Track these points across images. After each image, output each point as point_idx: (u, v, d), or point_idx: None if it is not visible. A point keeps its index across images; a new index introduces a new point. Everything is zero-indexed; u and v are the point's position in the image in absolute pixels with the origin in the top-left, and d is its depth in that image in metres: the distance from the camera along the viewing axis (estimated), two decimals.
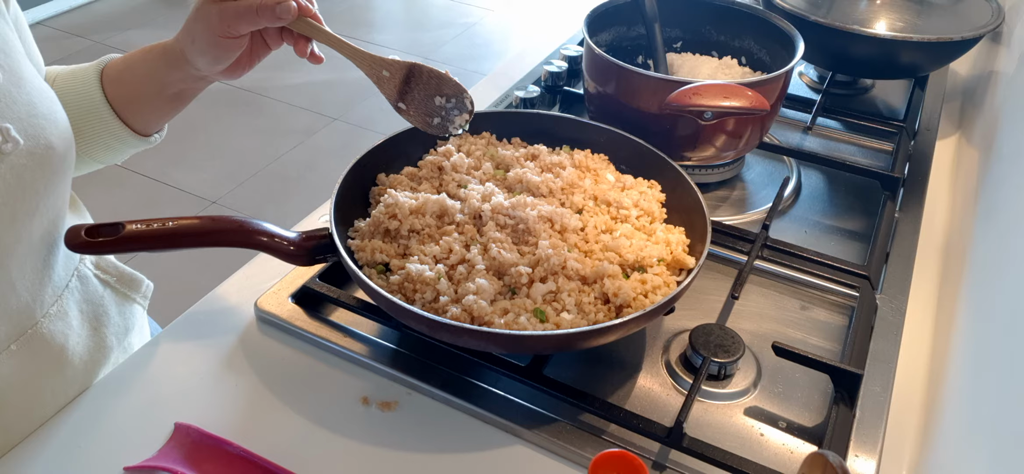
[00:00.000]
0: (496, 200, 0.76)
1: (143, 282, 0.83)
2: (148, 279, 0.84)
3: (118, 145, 0.80)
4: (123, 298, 0.81)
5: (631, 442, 0.65)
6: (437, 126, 0.73)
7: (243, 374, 0.71)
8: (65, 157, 0.69)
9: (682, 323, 0.78)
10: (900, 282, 0.84)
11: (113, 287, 0.79)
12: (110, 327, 0.78)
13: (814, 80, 1.30)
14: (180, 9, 3.99)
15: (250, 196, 2.67)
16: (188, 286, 1.73)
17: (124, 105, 0.77)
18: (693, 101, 0.84)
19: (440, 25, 4.00)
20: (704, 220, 0.75)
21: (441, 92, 0.72)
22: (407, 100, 0.72)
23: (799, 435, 0.68)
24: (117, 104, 0.77)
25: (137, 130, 0.79)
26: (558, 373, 0.71)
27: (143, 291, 0.84)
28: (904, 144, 1.07)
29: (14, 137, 0.63)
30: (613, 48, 1.09)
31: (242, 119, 3.08)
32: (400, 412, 0.68)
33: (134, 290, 0.82)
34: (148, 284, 0.84)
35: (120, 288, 0.80)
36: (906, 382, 0.74)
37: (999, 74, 1.18)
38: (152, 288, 0.85)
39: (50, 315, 0.69)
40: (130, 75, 0.76)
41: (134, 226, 0.67)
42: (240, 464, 0.63)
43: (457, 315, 0.65)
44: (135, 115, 0.78)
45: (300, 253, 0.71)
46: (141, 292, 0.83)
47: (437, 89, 0.72)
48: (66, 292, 0.72)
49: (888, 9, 1.23)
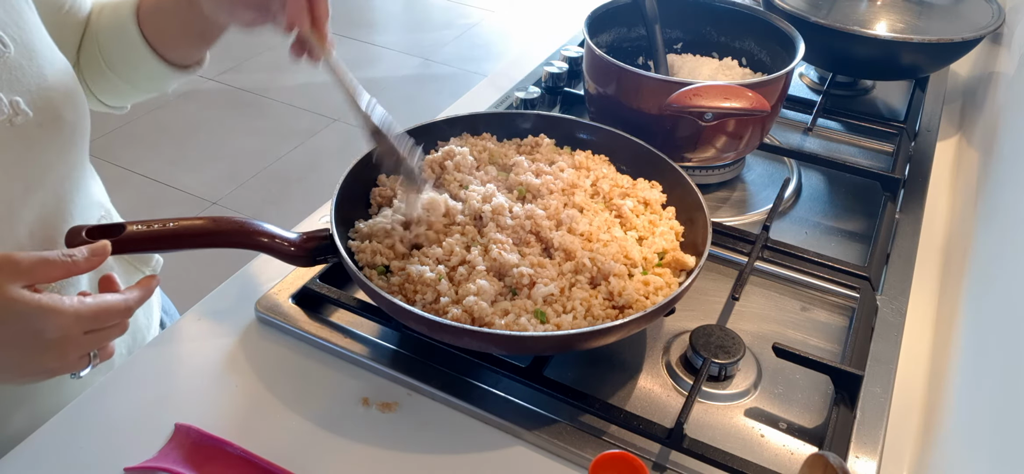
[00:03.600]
0: (497, 201, 0.76)
1: (153, 257, 0.83)
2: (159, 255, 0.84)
3: (159, 77, 0.82)
4: (132, 269, 0.81)
5: (631, 443, 0.65)
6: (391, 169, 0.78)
7: (243, 375, 0.71)
8: (76, 127, 0.70)
9: (682, 324, 0.78)
10: (900, 283, 0.84)
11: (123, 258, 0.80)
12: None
13: (814, 81, 1.30)
14: None
15: (251, 197, 2.67)
16: (188, 286, 1.73)
17: (158, 41, 0.79)
18: (693, 102, 0.84)
19: (440, 26, 4.00)
20: (705, 221, 0.75)
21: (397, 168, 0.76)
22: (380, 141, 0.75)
23: (799, 436, 0.68)
24: (152, 39, 0.79)
25: (175, 63, 0.81)
26: (558, 374, 0.71)
27: (152, 265, 0.84)
28: (904, 145, 1.07)
29: (24, 110, 0.64)
30: (613, 49, 1.09)
31: (243, 120, 3.08)
32: (400, 413, 0.68)
33: (144, 264, 0.82)
34: (158, 259, 0.84)
35: (132, 259, 0.81)
36: (906, 383, 0.73)
37: (999, 75, 1.18)
38: (161, 263, 0.85)
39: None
40: (160, 14, 0.78)
41: (135, 227, 0.67)
42: (240, 465, 0.63)
43: (458, 316, 0.65)
44: (170, 50, 0.80)
45: (300, 254, 0.71)
46: (151, 267, 0.84)
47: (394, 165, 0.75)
48: None
49: (888, 10, 1.23)
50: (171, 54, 0.80)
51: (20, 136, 0.64)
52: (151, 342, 0.75)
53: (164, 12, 0.78)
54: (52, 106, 0.67)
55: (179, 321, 0.77)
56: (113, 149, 2.78)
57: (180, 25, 0.78)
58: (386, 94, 3.26)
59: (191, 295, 0.84)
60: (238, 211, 2.57)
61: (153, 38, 0.79)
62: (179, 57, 0.81)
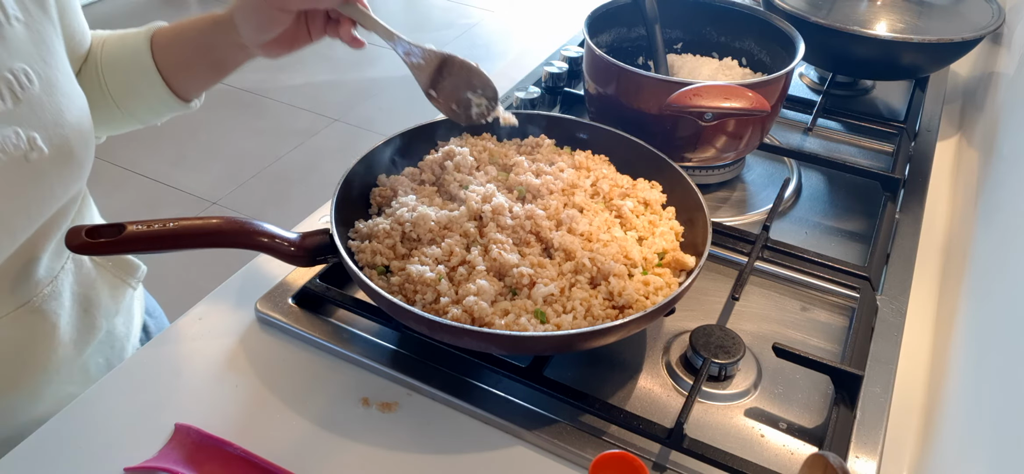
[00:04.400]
0: (497, 201, 0.76)
1: (139, 267, 0.84)
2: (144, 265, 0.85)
3: (161, 108, 0.83)
4: (116, 280, 0.82)
5: (631, 443, 0.65)
6: (461, 115, 0.78)
7: (243, 375, 0.71)
8: (83, 161, 0.72)
9: (683, 324, 0.78)
10: (900, 283, 0.84)
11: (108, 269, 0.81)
12: (100, 309, 0.80)
13: (815, 81, 1.30)
14: (181, 9, 4.00)
15: (250, 197, 2.67)
16: (188, 287, 1.73)
17: (171, 71, 0.80)
18: (693, 102, 0.84)
19: (440, 26, 4.00)
20: (705, 221, 0.75)
21: (470, 85, 0.76)
22: (438, 88, 0.76)
23: (799, 436, 0.68)
24: (165, 70, 0.80)
25: (179, 95, 0.82)
26: (558, 374, 0.71)
27: (137, 275, 0.85)
28: (904, 145, 1.07)
29: (40, 146, 0.66)
30: (613, 49, 1.09)
31: (243, 120, 3.08)
32: (400, 413, 0.68)
33: (128, 274, 0.83)
34: (143, 269, 0.85)
35: (115, 272, 0.81)
36: (907, 383, 0.73)
37: (999, 75, 1.18)
38: (145, 271, 0.86)
39: (45, 294, 0.72)
40: (179, 43, 0.80)
41: (135, 227, 0.67)
42: (240, 465, 0.63)
43: (458, 316, 0.65)
44: (179, 80, 0.81)
45: (300, 254, 0.71)
46: (135, 276, 0.84)
47: (467, 81, 0.76)
48: (61, 273, 0.75)
49: (888, 10, 1.23)
50: (180, 85, 0.81)
51: (33, 171, 0.65)
52: (151, 342, 0.75)
53: (184, 42, 0.79)
54: (67, 144, 0.68)
55: (179, 321, 0.77)
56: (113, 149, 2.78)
57: (201, 51, 0.79)
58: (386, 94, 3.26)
59: (191, 295, 0.84)
60: (238, 211, 2.57)
61: (165, 68, 0.80)
62: (187, 88, 0.82)
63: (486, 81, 0.76)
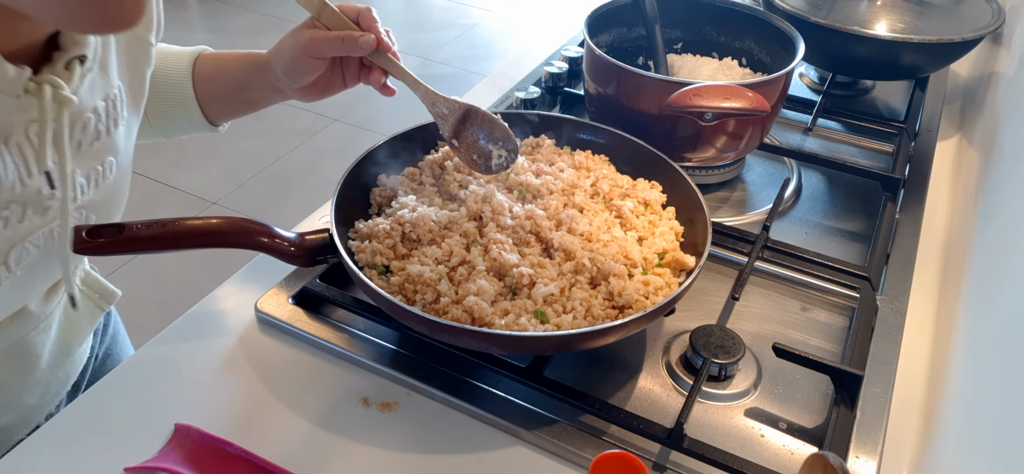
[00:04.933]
0: (497, 201, 0.76)
1: (116, 294, 0.84)
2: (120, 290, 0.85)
3: (191, 129, 0.87)
4: (95, 309, 0.82)
5: (631, 443, 0.65)
6: (481, 165, 0.79)
7: (243, 375, 0.71)
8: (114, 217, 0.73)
9: (683, 324, 0.78)
10: (900, 283, 0.84)
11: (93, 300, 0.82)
12: (78, 335, 0.80)
13: (815, 81, 1.30)
14: (181, 11, 4.00)
15: (250, 197, 2.67)
16: (188, 287, 1.73)
17: (207, 101, 0.84)
18: (694, 102, 0.84)
19: (440, 26, 4.00)
20: (705, 221, 0.75)
21: (492, 136, 0.78)
22: (460, 138, 0.79)
23: (799, 436, 0.68)
24: (202, 99, 0.83)
25: (210, 120, 0.85)
26: (558, 374, 0.71)
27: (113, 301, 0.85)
28: (904, 145, 1.07)
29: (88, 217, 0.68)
30: (614, 49, 1.09)
31: (243, 120, 3.06)
32: (400, 413, 0.68)
33: (107, 301, 0.83)
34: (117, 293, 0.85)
35: (98, 302, 0.82)
36: (906, 383, 0.73)
37: (999, 75, 1.18)
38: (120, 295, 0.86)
39: (39, 328, 0.73)
40: (220, 77, 0.83)
41: (135, 227, 0.67)
42: (240, 465, 0.63)
43: (458, 316, 0.65)
44: (214, 109, 0.85)
45: (300, 254, 0.71)
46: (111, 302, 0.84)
47: (489, 133, 0.78)
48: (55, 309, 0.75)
49: (888, 10, 1.23)
50: (213, 112, 0.85)
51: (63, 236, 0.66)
52: (151, 342, 0.75)
53: (225, 78, 0.82)
54: (108, 212, 0.71)
55: (179, 321, 0.77)
56: None
57: (238, 86, 0.82)
58: None
59: (191, 295, 0.84)
60: (238, 211, 2.57)
61: (203, 98, 0.83)
62: (219, 116, 0.86)
63: (507, 133, 0.78)
